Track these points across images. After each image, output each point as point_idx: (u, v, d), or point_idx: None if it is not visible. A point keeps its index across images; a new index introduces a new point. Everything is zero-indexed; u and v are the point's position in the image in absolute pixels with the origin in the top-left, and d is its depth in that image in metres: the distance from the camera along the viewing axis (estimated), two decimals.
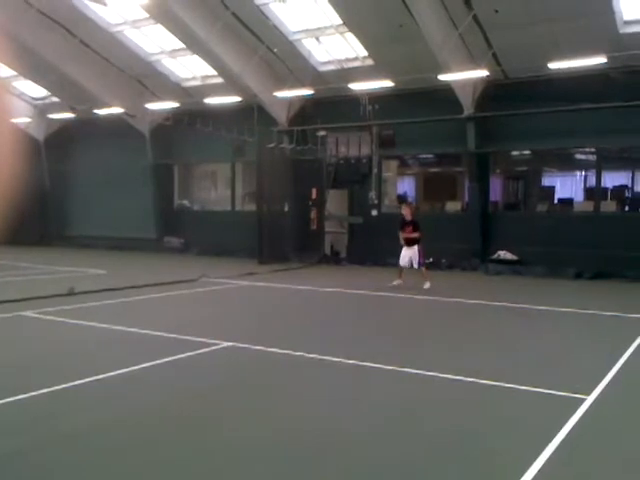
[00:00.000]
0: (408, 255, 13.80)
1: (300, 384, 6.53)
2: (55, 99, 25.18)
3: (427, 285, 13.54)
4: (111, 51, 21.25)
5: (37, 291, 11.93)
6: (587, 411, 5.41)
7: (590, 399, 5.73)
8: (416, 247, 13.79)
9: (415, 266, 13.80)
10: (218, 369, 7.07)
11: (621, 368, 6.96)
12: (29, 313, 10.09)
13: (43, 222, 26.79)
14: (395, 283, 13.84)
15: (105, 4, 17.86)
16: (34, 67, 22.14)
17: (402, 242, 13.83)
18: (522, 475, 4.04)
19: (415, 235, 13.79)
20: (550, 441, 4.61)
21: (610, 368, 6.85)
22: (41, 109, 26.20)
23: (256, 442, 4.75)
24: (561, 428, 4.90)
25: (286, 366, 7.20)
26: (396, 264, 14.09)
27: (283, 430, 5.03)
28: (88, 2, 18.51)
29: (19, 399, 5.63)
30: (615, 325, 9.97)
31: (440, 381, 6.47)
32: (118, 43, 20.64)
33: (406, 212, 14.28)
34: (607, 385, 6.25)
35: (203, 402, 5.78)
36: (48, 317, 9.89)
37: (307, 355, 7.50)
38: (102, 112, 22.56)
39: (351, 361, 7.17)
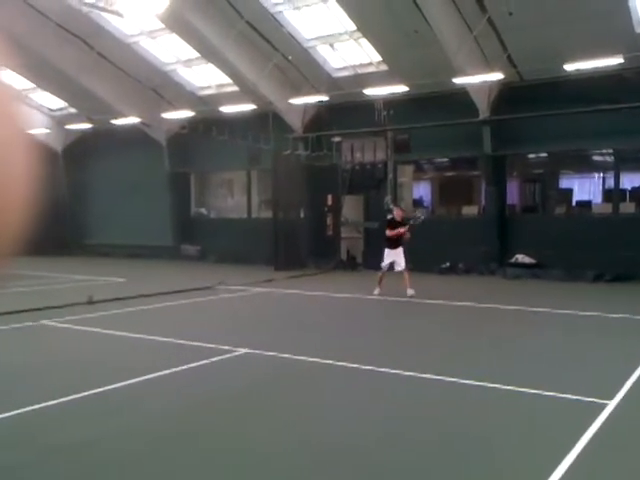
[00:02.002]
0: (391, 257, 13.28)
1: (317, 390, 6.52)
2: (73, 110, 25.48)
3: (411, 292, 12.91)
4: (127, 62, 21.47)
5: (57, 300, 12.05)
6: (609, 416, 5.34)
7: (612, 404, 5.66)
8: (401, 249, 13.31)
9: (398, 268, 13.23)
10: (235, 376, 7.08)
11: None
12: (49, 322, 10.19)
13: (62, 232, 27.06)
14: (376, 292, 13.34)
15: (121, 15, 18.05)
16: (52, 79, 22.46)
17: (391, 238, 13.29)
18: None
19: (401, 231, 13.24)
20: (572, 448, 4.56)
21: (632, 372, 6.76)
22: (59, 120, 26.53)
23: (273, 450, 4.75)
24: (583, 434, 4.84)
25: (302, 372, 7.20)
26: (411, 269, 13.86)
27: (300, 436, 5.03)
28: (104, 14, 18.74)
29: (36, 408, 5.68)
30: (636, 329, 9.84)
31: (460, 387, 6.42)
32: (134, 54, 20.85)
33: (397, 213, 13.94)
34: (629, 390, 6.16)
35: (219, 410, 5.79)
36: (68, 325, 9.98)
37: (323, 361, 7.48)
38: (119, 122, 22.78)
39: (368, 367, 7.14)
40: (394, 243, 13.38)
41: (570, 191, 20.22)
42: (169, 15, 17.38)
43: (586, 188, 20.84)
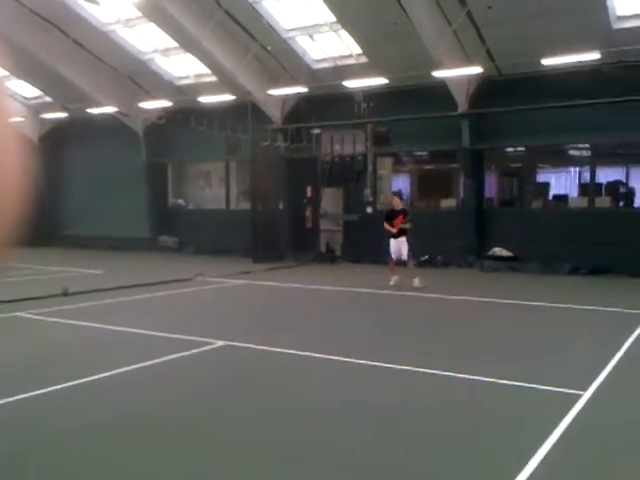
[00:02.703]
0: (397, 247, 13.35)
1: (295, 382, 6.51)
2: (48, 99, 25.07)
3: (417, 281, 13.08)
4: (104, 50, 21.15)
5: (32, 292, 11.87)
6: (583, 407, 5.41)
7: (587, 395, 5.73)
8: (404, 238, 13.34)
9: (403, 258, 13.35)
10: (213, 368, 7.05)
11: (617, 364, 6.96)
12: (23, 314, 10.05)
13: (37, 222, 26.66)
14: (392, 282, 13.41)
15: (98, 3, 17.77)
16: (27, 67, 22.02)
17: (393, 231, 13.33)
18: (518, 474, 4.04)
19: (407, 226, 13.36)
20: (546, 439, 4.60)
21: (606, 364, 6.85)
22: (34, 109, 26.08)
23: (250, 442, 4.73)
24: (557, 425, 4.89)
25: (280, 364, 7.19)
26: (388, 262, 13.89)
27: (278, 428, 5.01)
28: (81, 1, 18.43)
29: (13, 400, 5.59)
30: (611, 321, 9.98)
31: (437, 379, 6.46)
32: (111, 42, 20.54)
33: (396, 202, 13.96)
34: (603, 381, 6.25)
35: (196, 403, 5.76)
36: (42, 317, 9.85)
37: (301, 353, 7.48)
38: (95, 111, 22.46)
39: (348, 359, 7.15)
40: (399, 232, 13.39)
41: (547, 185, 20.40)
42: (146, 3, 17.15)
43: (563, 182, 21.04)
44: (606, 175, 18.49)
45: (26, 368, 6.92)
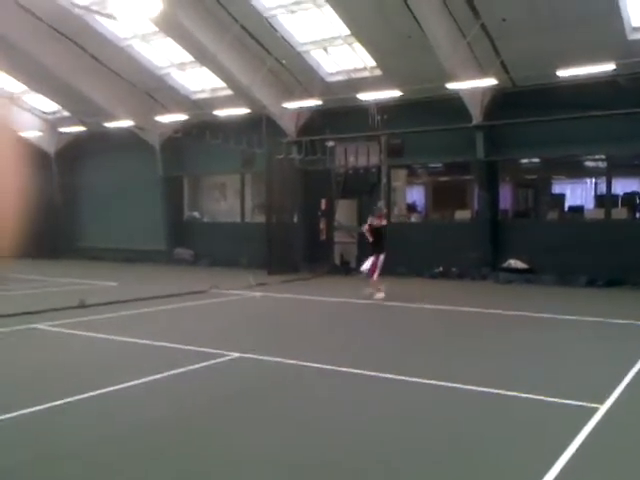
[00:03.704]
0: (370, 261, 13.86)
1: (309, 394, 6.50)
2: (66, 113, 25.41)
3: (379, 294, 13.49)
4: (121, 65, 21.43)
5: (49, 304, 11.98)
6: (600, 420, 5.35)
7: (603, 408, 5.68)
8: (374, 257, 13.77)
9: (362, 269, 13.97)
10: (227, 380, 7.06)
11: (635, 376, 6.88)
12: (41, 325, 10.14)
13: (54, 235, 26.95)
14: (379, 295, 13.65)
15: (115, 18, 18.03)
16: (45, 81, 22.39)
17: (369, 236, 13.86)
18: None
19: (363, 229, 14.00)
20: (563, 452, 4.56)
21: (623, 377, 6.78)
22: (52, 123, 26.44)
23: (265, 454, 4.73)
24: (574, 438, 4.84)
25: (294, 377, 7.18)
26: (404, 273, 13.96)
27: (291, 440, 5.01)
28: (98, 17, 18.71)
29: (31, 411, 5.64)
30: (627, 333, 9.87)
31: (451, 391, 6.42)
32: (128, 57, 20.82)
33: (377, 221, 14.23)
34: (620, 394, 6.18)
35: (210, 414, 5.77)
36: (60, 329, 9.94)
37: (316, 365, 7.47)
38: (112, 125, 22.72)
39: (362, 371, 7.14)
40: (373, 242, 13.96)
41: (562, 196, 20.30)
42: (163, 18, 17.36)
43: (578, 194, 20.93)
44: (622, 186, 18.37)
45: (43, 379, 6.98)
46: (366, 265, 13.79)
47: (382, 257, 13.73)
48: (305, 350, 8.41)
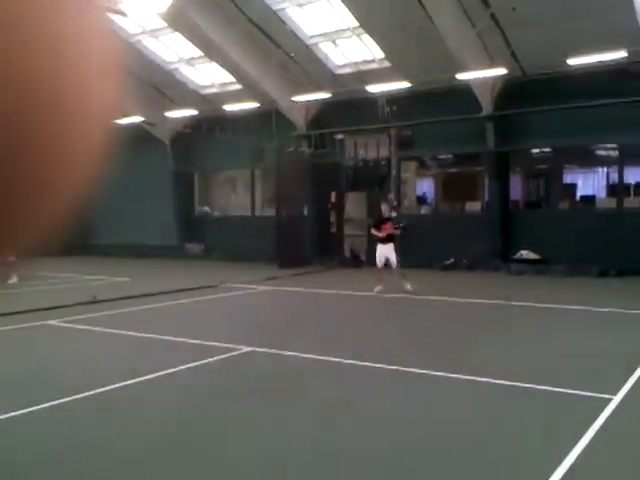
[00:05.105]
0: (384, 254, 13.20)
1: (320, 388, 6.52)
2: None
3: (408, 287, 12.92)
4: (130, 60, 21.46)
5: (61, 300, 12.05)
6: (614, 411, 5.33)
7: (617, 399, 5.65)
8: (392, 245, 13.21)
9: (393, 266, 13.17)
10: (239, 374, 7.08)
11: None
12: (53, 322, 10.21)
13: (66, 232, 27.03)
14: (376, 290, 13.18)
15: (124, 14, 18.06)
16: None
17: (380, 236, 13.25)
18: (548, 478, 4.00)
19: (396, 232, 13.27)
20: (577, 442, 4.54)
21: (635, 367, 6.73)
22: None
23: (276, 449, 4.75)
24: (587, 429, 4.82)
25: (306, 370, 7.20)
26: (414, 265, 13.78)
27: (303, 436, 5.03)
28: (107, 13, 18.73)
29: (44, 407, 5.69)
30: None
31: (462, 383, 6.41)
32: (137, 52, 20.86)
33: (385, 209, 13.87)
34: (634, 384, 6.14)
35: (222, 409, 5.79)
36: (71, 325, 10.00)
37: (324, 358, 7.48)
38: (122, 121, 22.77)
39: (374, 364, 7.14)
40: (384, 239, 13.31)
41: (574, 186, 20.15)
42: (172, 14, 17.38)
43: (590, 183, 20.76)
44: (635, 175, 18.20)
45: (55, 374, 7.04)
46: (379, 260, 13.46)
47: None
48: (318, 344, 8.42)
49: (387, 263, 13.29)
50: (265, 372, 7.11)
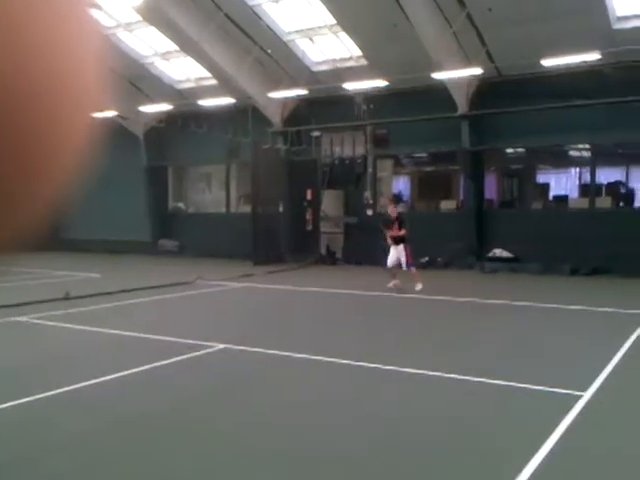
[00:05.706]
0: (395, 255, 13.30)
1: (294, 385, 6.50)
2: None
3: (419, 287, 13.00)
4: (104, 54, 21.16)
5: (32, 296, 11.84)
6: (583, 408, 5.39)
7: (587, 396, 5.72)
8: (401, 246, 13.23)
9: (403, 267, 13.26)
10: (212, 372, 7.03)
11: (617, 364, 6.94)
12: (23, 318, 10.03)
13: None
14: (391, 284, 13.37)
15: (99, 7, 17.80)
16: None
17: (389, 242, 13.35)
18: (518, 474, 4.03)
19: (401, 233, 13.25)
20: (546, 439, 4.59)
21: (606, 364, 6.83)
22: None
23: (250, 446, 4.72)
24: (557, 426, 4.88)
25: (279, 367, 7.17)
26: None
27: (278, 432, 5.01)
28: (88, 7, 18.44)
29: (14, 404, 5.59)
30: (611, 321, 9.95)
31: (437, 380, 6.44)
32: (111, 46, 20.58)
33: (390, 210, 13.84)
34: (603, 381, 6.23)
35: (195, 406, 5.75)
36: (42, 322, 9.84)
37: (299, 355, 7.47)
38: (96, 115, 22.45)
39: (345, 361, 7.14)
40: (395, 240, 13.33)
41: (547, 186, 20.41)
42: (146, 7, 17.19)
43: (563, 183, 21.06)
44: (606, 176, 18.49)
45: (26, 372, 6.90)
46: (391, 259, 13.44)
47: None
48: (291, 341, 8.40)
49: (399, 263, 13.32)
50: (240, 369, 7.07)
